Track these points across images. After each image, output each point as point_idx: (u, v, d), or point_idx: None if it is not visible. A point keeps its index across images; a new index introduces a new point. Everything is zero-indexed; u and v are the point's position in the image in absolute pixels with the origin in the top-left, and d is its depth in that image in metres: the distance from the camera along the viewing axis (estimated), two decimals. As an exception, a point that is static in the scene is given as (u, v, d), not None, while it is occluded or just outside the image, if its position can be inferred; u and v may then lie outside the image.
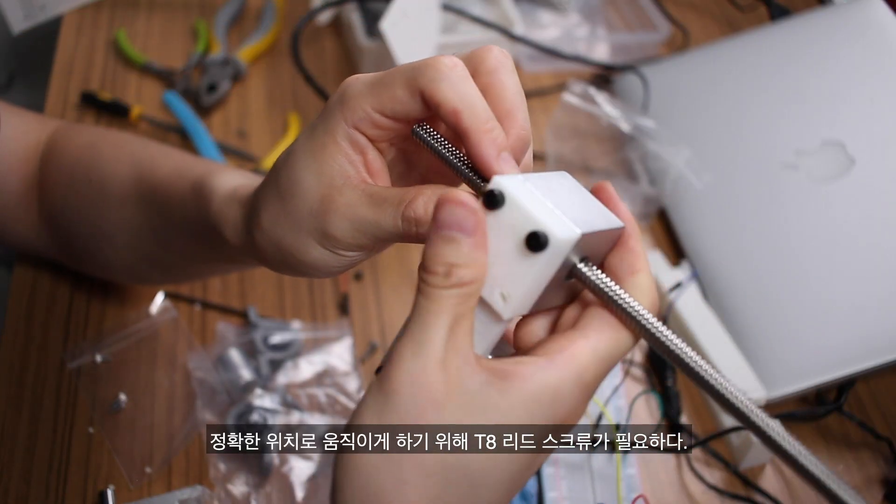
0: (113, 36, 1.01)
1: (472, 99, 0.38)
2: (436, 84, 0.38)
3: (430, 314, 0.34)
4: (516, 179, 0.36)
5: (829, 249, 0.75)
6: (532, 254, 0.35)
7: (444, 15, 0.97)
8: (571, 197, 0.38)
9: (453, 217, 0.34)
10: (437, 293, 0.34)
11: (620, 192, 0.87)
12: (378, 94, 0.40)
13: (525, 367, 0.34)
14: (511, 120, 0.39)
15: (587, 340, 0.36)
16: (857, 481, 0.70)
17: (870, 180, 0.76)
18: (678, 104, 0.92)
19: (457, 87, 0.38)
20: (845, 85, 0.82)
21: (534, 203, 0.35)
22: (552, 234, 0.35)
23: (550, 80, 1.04)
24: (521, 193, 0.35)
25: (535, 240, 0.35)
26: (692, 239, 0.83)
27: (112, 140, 0.65)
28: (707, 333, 0.74)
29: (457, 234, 0.34)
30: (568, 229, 0.35)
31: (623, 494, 0.65)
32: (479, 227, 0.35)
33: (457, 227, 0.34)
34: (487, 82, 0.40)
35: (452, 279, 0.34)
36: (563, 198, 0.37)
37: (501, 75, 0.40)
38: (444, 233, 0.35)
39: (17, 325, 0.73)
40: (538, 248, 0.35)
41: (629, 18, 1.13)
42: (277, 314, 0.76)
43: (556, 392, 0.34)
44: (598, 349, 0.36)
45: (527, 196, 0.35)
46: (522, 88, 0.41)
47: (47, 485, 0.63)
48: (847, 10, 0.87)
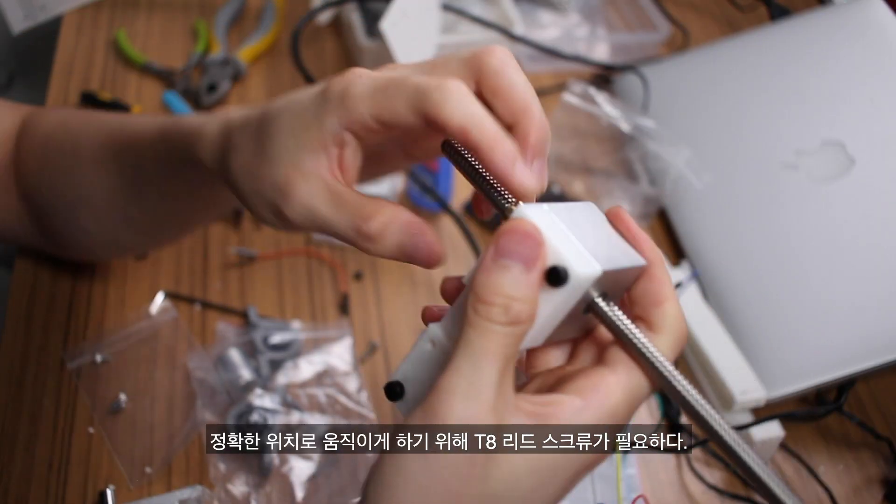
0: (113, 36, 1.01)
1: (478, 115, 0.38)
2: (440, 107, 0.37)
3: (484, 353, 0.33)
4: (541, 210, 0.35)
5: (829, 249, 0.75)
6: (551, 288, 0.34)
7: (444, 15, 0.97)
8: (595, 230, 0.37)
9: (520, 249, 0.34)
10: (492, 329, 0.33)
11: (620, 192, 0.88)
12: (380, 103, 0.39)
13: (562, 410, 0.34)
14: (528, 117, 0.39)
15: (617, 377, 0.35)
16: (857, 481, 0.70)
17: (870, 180, 0.76)
18: (678, 104, 0.92)
19: (461, 105, 0.38)
20: (845, 85, 0.82)
21: (556, 235, 0.35)
22: (573, 269, 0.34)
23: (550, 80, 1.04)
24: (543, 224, 0.35)
25: (555, 274, 0.34)
26: (692, 239, 0.83)
27: (83, 114, 0.67)
28: (707, 333, 0.74)
29: (521, 267, 0.33)
30: (589, 265, 0.34)
31: (623, 494, 0.65)
32: (541, 262, 0.34)
33: (522, 259, 0.33)
34: (496, 84, 0.39)
35: (511, 315, 0.33)
36: (587, 231, 0.36)
37: (509, 75, 0.39)
38: (507, 262, 0.33)
39: (17, 325, 0.73)
40: (558, 282, 0.34)
41: (629, 18, 1.13)
42: (277, 314, 0.76)
43: (592, 434, 0.34)
44: (629, 387, 0.35)
45: (549, 227, 0.35)
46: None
47: (47, 485, 0.63)
48: (847, 10, 0.87)
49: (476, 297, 0.33)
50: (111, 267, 0.78)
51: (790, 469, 0.70)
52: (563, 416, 0.33)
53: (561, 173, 0.90)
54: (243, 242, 0.82)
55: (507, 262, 0.33)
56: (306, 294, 0.78)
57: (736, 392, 0.69)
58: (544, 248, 0.34)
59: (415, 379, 0.37)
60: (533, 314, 0.34)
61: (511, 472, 0.33)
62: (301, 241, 0.82)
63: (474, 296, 0.33)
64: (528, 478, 0.33)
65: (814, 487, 0.69)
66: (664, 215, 0.88)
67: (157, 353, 0.72)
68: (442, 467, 0.32)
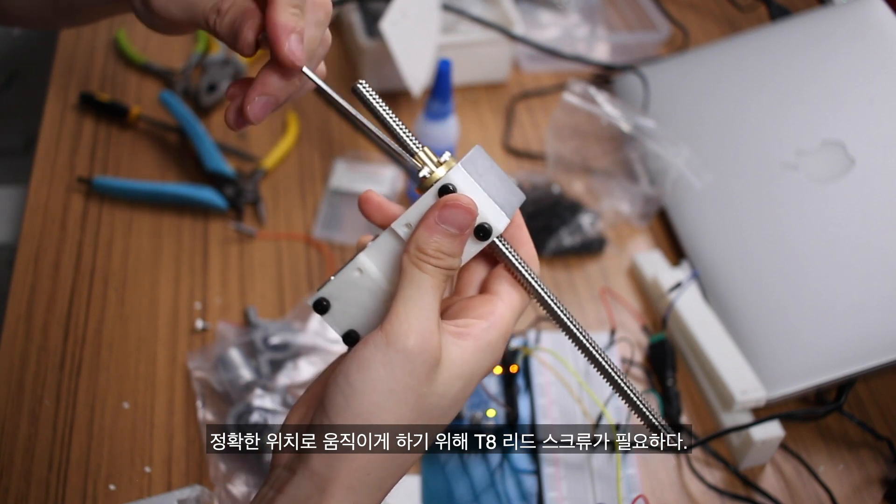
0: (113, 36, 1.01)
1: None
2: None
3: (427, 287, 0.43)
4: (460, 172, 0.44)
5: (829, 249, 0.75)
6: (476, 240, 0.44)
7: (444, 15, 0.97)
8: (492, 177, 0.45)
9: (458, 219, 0.43)
10: (432, 270, 0.43)
11: (620, 192, 0.88)
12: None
13: (474, 330, 0.44)
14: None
15: (504, 303, 0.46)
16: (857, 481, 0.70)
17: (870, 180, 0.76)
18: (678, 104, 0.92)
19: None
20: (845, 85, 0.82)
21: (478, 197, 0.44)
22: (494, 226, 0.44)
23: (550, 80, 1.04)
24: (468, 188, 0.44)
25: (482, 231, 0.44)
26: (692, 239, 0.83)
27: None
28: (707, 333, 0.74)
29: (456, 233, 0.43)
30: (502, 220, 0.44)
31: (623, 494, 0.65)
32: (471, 229, 0.44)
33: (458, 227, 0.43)
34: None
35: (446, 264, 0.43)
36: (490, 182, 0.45)
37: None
38: (447, 228, 0.43)
39: (17, 325, 0.73)
40: (484, 237, 0.44)
41: (629, 18, 1.13)
42: (277, 314, 0.76)
43: (495, 345, 0.45)
44: (513, 309, 0.46)
45: (472, 191, 0.44)
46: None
47: (47, 485, 0.63)
48: (847, 10, 0.87)
49: (420, 249, 0.43)
50: (111, 267, 0.78)
51: (790, 469, 0.70)
52: (476, 333, 0.44)
53: (561, 173, 0.90)
54: (244, 245, 0.82)
55: (447, 227, 0.43)
56: (306, 294, 0.78)
57: (736, 392, 0.69)
58: (476, 218, 0.43)
59: (340, 297, 0.45)
60: (460, 263, 0.44)
61: (448, 375, 0.43)
62: (301, 240, 0.82)
63: (418, 248, 0.43)
64: (459, 380, 0.43)
65: (814, 487, 0.69)
66: (664, 215, 0.88)
67: (157, 353, 0.72)
68: (403, 372, 0.41)
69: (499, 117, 0.98)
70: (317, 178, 0.89)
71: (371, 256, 0.45)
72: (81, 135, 0.90)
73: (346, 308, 0.46)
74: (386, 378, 0.41)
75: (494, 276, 0.47)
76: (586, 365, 0.74)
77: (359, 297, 0.45)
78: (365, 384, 0.41)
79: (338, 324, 0.46)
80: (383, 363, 0.41)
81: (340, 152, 0.92)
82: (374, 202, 0.47)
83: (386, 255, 0.45)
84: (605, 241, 0.85)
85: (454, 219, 0.43)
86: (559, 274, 0.83)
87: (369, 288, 0.45)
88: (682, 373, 0.75)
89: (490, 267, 0.48)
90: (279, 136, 0.93)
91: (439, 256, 0.43)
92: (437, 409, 0.43)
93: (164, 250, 0.80)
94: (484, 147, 0.47)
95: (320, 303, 0.45)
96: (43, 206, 0.83)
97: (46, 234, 0.80)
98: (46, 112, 0.92)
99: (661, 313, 0.78)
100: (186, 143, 0.89)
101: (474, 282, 0.49)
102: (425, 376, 0.42)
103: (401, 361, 0.41)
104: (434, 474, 0.67)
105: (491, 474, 0.67)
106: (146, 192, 0.84)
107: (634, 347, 0.76)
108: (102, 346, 0.72)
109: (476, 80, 1.02)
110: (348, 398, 0.41)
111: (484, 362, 0.44)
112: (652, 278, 0.80)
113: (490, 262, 0.48)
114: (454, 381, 0.43)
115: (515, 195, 0.47)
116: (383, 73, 0.96)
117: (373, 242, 0.45)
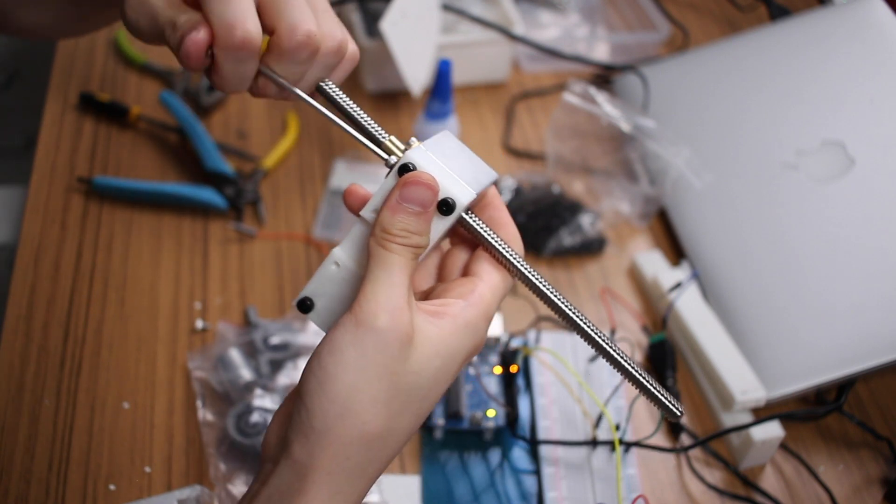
0: (113, 36, 1.01)
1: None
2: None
3: (394, 266, 0.42)
4: (420, 150, 0.44)
5: (829, 249, 0.75)
6: (441, 216, 0.44)
7: (444, 15, 0.97)
8: (458, 156, 0.46)
9: (419, 196, 0.43)
10: (399, 249, 0.42)
11: (620, 192, 0.88)
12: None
13: (452, 308, 0.44)
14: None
15: (484, 282, 0.46)
16: (857, 481, 0.70)
17: (870, 180, 0.76)
18: (678, 104, 0.92)
19: None
20: (845, 85, 0.82)
21: (439, 172, 0.44)
22: (458, 200, 0.44)
23: (550, 80, 1.04)
24: (428, 165, 0.44)
25: (445, 206, 0.44)
26: (692, 239, 0.83)
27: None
28: (707, 333, 0.74)
29: (419, 210, 0.43)
30: (466, 193, 0.44)
31: (623, 494, 0.65)
32: (434, 205, 0.44)
33: (420, 204, 0.43)
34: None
35: (412, 242, 0.43)
36: (455, 160, 0.45)
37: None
38: (409, 206, 0.43)
39: (17, 325, 0.73)
40: (448, 212, 0.44)
41: (629, 18, 1.13)
42: (277, 314, 0.76)
43: (475, 325, 0.44)
44: (494, 288, 0.46)
45: (433, 167, 0.44)
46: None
47: (47, 485, 0.63)
48: (847, 10, 0.87)
49: (385, 230, 0.43)
50: (111, 267, 0.78)
51: (790, 469, 0.70)
52: (454, 313, 0.44)
53: (561, 173, 0.90)
54: (244, 245, 0.82)
55: (409, 206, 0.43)
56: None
57: (736, 392, 0.69)
58: (438, 193, 0.43)
59: (322, 294, 0.45)
60: (428, 240, 0.44)
61: (424, 353, 0.42)
62: (301, 240, 0.82)
63: (383, 229, 0.43)
64: (436, 359, 0.43)
65: (814, 487, 0.69)
66: (664, 215, 0.88)
67: (157, 353, 0.72)
68: (374, 351, 0.41)
69: (499, 117, 0.98)
70: (317, 178, 0.89)
71: (345, 249, 0.45)
72: (81, 135, 0.90)
73: (330, 304, 0.45)
74: (357, 357, 0.41)
75: (475, 258, 0.47)
76: (586, 365, 0.74)
77: (340, 292, 0.45)
78: (336, 367, 0.41)
79: (323, 321, 0.46)
80: (353, 343, 0.41)
81: (340, 152, 0.92)
82: (358, 195, 0.47)
83: (359, 245, 0.45)
84: (605, 241, 0.85)
85: (415, 196, 0.43)
86: (559, 274, 0.83)
87: (348, 280, 0.45)
88: (682, 373, 0.75)
89: (472, 252, 0.48)
90: (279, 136, 0.93)
91: (405, 235, 0.43)
92: (417, 389, 0.42)
93: (164, 250, 0.80)
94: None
95: (304, 302, 0.45)
96: (43, 206, 0.83)
97: (46, 234, 0.80)
98: (46, 112, 0.92)
99: (661, 313, 0.78)
100: (186, 143, 0.90)
101: (457, 267, 0.48)
102: (398, 353, 0.41)
103: (371, 340, 0.41)
104: (434, 474, 0.67)
105: (491, 474, 0.67)
106: (146, 192, 0.84)
107: (634, 347, 0.76)
108: (102, 346, 0.72)
109: (476, 80, 1.02)
110: (321, 382, 0.41)
111: (465, 341, 0.44)
112: (652, 278, 0.80)
113: (472, 247, 0.48)
114: (431, 359, 0.42)
115: (485, 173, 0.47)
116: (383, 73, 0.96)
117: (347, 235, 0.46)
